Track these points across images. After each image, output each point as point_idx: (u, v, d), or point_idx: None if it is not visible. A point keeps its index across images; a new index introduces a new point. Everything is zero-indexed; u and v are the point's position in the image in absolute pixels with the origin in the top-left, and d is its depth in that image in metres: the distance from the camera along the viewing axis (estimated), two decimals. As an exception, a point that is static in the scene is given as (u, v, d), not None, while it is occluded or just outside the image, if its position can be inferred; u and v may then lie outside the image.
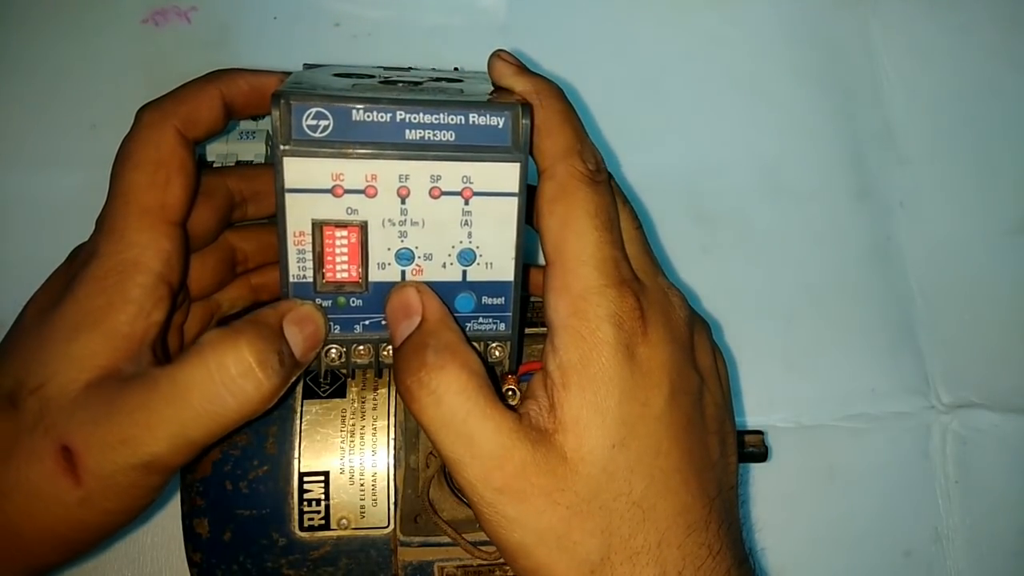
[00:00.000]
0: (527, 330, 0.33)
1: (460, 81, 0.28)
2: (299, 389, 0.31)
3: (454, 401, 0.24)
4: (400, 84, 0.27)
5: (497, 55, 0.28)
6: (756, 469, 0.42)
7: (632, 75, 0.49)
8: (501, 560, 0.29)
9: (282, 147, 0.24)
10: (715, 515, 0.26)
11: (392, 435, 0.30)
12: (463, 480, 0.24)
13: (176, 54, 0.47)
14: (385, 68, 0.30)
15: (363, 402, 0.31)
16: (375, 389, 0.31)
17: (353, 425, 0.30)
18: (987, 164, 0.50)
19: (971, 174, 0.49)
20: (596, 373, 0.24)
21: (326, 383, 0.31)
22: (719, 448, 0.27)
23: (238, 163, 0.42)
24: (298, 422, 0.30)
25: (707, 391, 0.27)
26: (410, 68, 0.31)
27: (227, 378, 0.24)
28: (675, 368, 0.26)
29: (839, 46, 0.51)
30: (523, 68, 0.27)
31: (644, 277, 0.27)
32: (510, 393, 0.29)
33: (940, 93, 0.51)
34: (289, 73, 0.28)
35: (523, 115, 0.25)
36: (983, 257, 0.48)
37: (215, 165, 0.43)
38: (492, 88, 0.27)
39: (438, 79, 0.29)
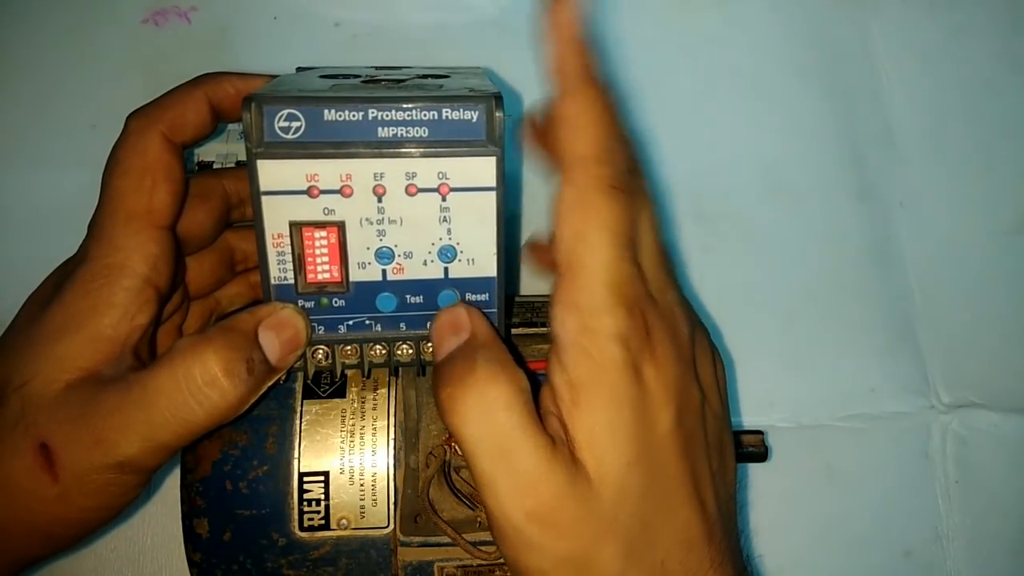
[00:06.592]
0: (528, 330, 0.33)
1: (447, 77, 0.28)
2: (299, 389, 0.31)
3: (500, 416, 0.24)
4: (383, 83, 0.27)
5: (556, 8, 0.25)
6: (755, 469, 0.42)
7: (632, 75, 0.49)
8: (501, 560, 0.29)
9: (255, 150, 0.24)
10: (716, 528, 0.26)
11: (392, 435, 0.30)
12: (493, 501, 0.24)
13: (176, 54, 0.47)
14: (377, 68, 0.30)
15: (363, 402, 0.31)
16: (375, 389, 0.31)
17: (353, 425, 0.30)
18: (987, 164, 0.49)
19: (971, 174, 0.49)
20: (606, 392, 0.24)
21: (326, 383, 0.31)
22: (717, 459, 0.27)
23: (237, 163, 0.42)
24: (298, 422, 0.30)
25: (707, 405, 0.27)
26: (403, 67, 0.31)
27: (193, 387, 0.24)
28: (680, 387, 0.25)
29: (839, 46, 0.51)
30: (579, 43, 0.25)
31: (656, 293, 0.26)
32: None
33: (940, 93, 0.50)
34: (277, 76, 0.28)
35: (496, 107, 0.25)
36: (983, 257, 0.48)
37: (215, 166, 0.43)
38: (483, 83, 0.27)
39: (424, 76, 0.28)
